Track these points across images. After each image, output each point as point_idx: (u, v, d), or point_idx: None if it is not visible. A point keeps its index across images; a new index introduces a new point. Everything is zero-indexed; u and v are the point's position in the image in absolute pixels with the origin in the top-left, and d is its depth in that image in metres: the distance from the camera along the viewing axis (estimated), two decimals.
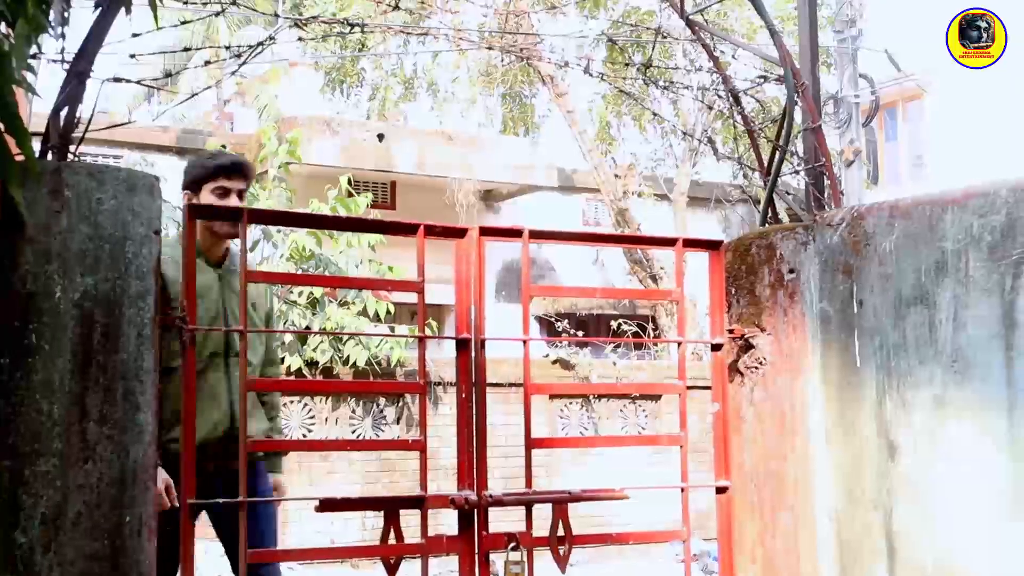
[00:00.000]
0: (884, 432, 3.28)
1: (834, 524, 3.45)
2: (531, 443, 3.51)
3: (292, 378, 10.31)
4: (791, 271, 3.60)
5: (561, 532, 3.48)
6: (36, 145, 2.79)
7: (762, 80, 4.53)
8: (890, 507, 3.26)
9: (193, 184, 4.20)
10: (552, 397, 11.68)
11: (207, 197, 4.15)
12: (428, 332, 9.59)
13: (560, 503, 3.50)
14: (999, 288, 3.00)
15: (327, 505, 3.28)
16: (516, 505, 3.49)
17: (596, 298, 16.45)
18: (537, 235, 3.63)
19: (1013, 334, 2.97)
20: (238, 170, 4.21)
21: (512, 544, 3.40)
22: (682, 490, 3.65)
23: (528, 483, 3.50)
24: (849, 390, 3.40)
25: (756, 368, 3.66)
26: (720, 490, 3.68)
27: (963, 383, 3.09)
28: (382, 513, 3.32)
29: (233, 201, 4.18)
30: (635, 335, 13.97)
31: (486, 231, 3.51)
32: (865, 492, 3.34)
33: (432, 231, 3.41)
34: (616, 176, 16.76)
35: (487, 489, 3.40)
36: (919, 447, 3.20)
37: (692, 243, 3.82)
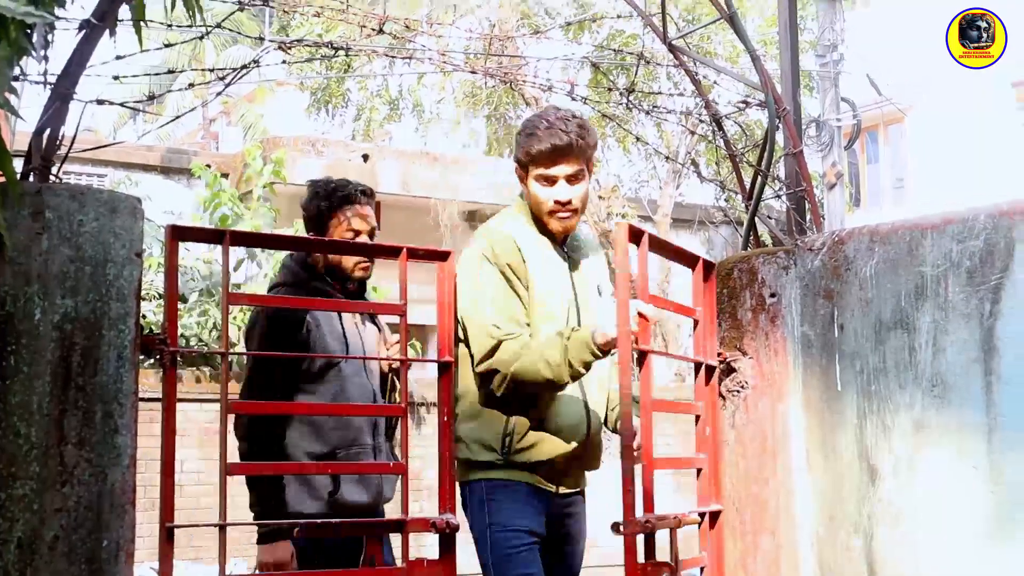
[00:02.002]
0: (865, 456, 3.29)
1: (815, 548, 3.45)
2: None
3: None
4: (772, 295, 3.62)
5: None
6: (18, 165, 2.79)
7: (744, 106, 4.55)
8: (871, 531, 3.27)
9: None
10: None
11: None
12: (412, 353, 9.58)
13: None
14: (978, 313, 3.02)
15: (307, 529, 3.27)
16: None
17: None
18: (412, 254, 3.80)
19: (992, 359, 2.98)
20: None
21: None
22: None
23: None
24: (830, 414, 3.40)
25: (738, 392, 3.67)
26: (713, 515, 3.65)
27: (943, 408, 3.10)
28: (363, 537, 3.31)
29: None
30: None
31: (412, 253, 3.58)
32: (846, 516, 3.34)
33: (414, 254, 3.41)
34: (600, 198, 16.80)
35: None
36: (899, 471, 3.21)
37: (707, 265, 3.82)
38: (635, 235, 3.27)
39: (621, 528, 3.02)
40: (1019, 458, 2.94)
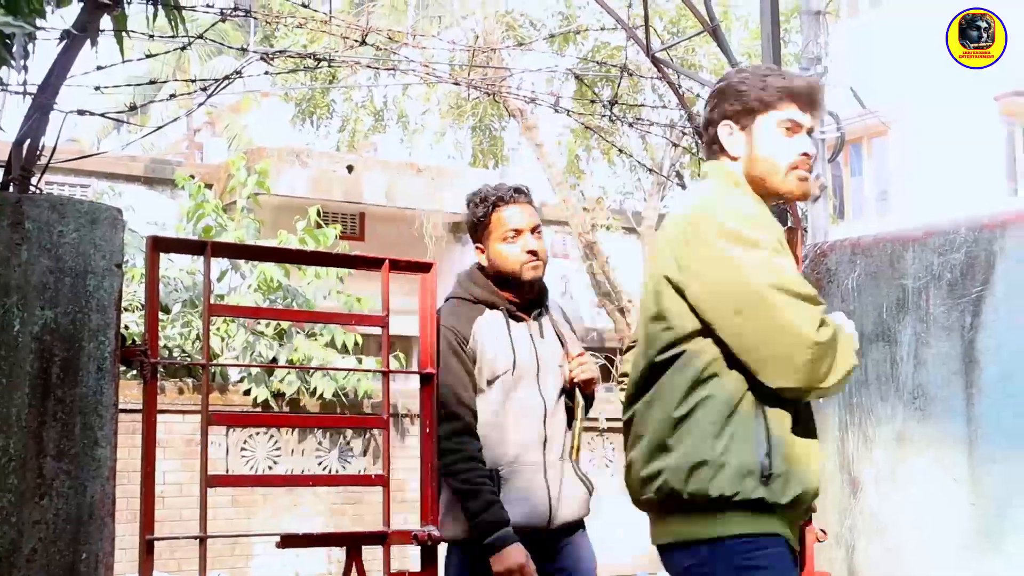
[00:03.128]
0: (847, 468, 3.30)
1: None
2: None
3: (258, 410, 10.25)
4: None
5: None
6: None
7: None
8: (852, 543, 3.27)
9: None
10: None
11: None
12: (395, 364, 9.58)
13: None
14: (959, 326, 3.03)
15: (289, 541, 3.26)
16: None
17: None
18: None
19: (973, 372, 2.99)
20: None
21: None
22: None
23: None
24: None
25: None
26: None
27: (924, 420, 3.11)
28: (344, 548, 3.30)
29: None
30: (602, 368, 13.98)
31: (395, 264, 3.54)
32: (828, 527, 3.34)
33: (396, 266, 3.41)
34: (585, 209, 16.82)
35: None
36: (881, 483, 3.21)
37: None
38: None
39: None
40: (1000, 470, 2.94)
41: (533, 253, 3.45)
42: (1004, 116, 19.71)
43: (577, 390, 3.55)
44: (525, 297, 3.53)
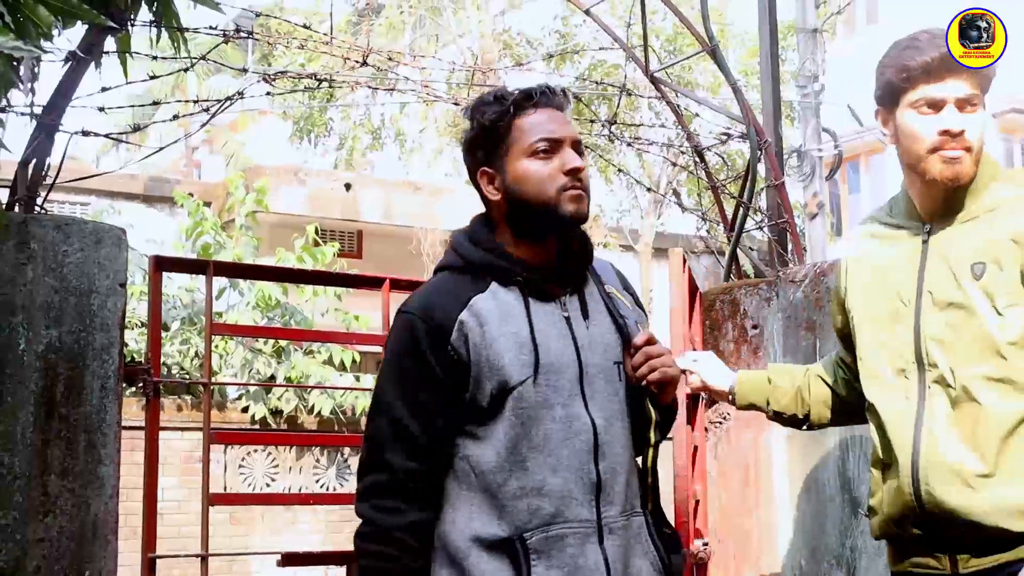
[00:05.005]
0: (847, 488, 3.31)
1: None
2: None
3: (256, 427, 10.25)
4: (755, 327, 3.64)
5: None
6: (3, 194, 2.80)
7: (726, 138, 4.59)
8: (854, 564, 3.28)
9: None
10: None
11: None
12: None
13: None
14: None
15: (290, 559, 3.27)
16: None
17: None
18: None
19: None
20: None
21: None
22: None
23: None
24: (812, 446, 3.42)
25: (720, 423, 3.68)
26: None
27: None
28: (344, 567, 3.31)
29: None
30: None
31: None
32: (828, 549, 3.35)
33: (397, 285, 3.43)
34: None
35: None
36: None
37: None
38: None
39: None
40: None
41: (575, 175, 2.20)
42: (1002, 134, 19.77)
43: (648, 400, 2.26)
44: (555, 258, 2.26)
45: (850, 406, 2.65)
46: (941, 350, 2.27)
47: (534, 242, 2.23)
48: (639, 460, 2.27)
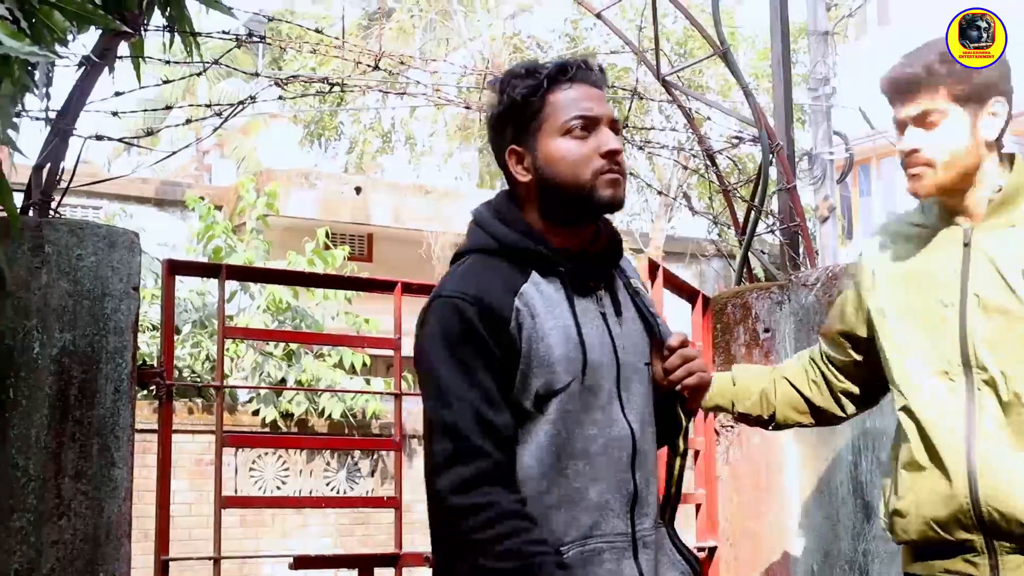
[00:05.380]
0: (859, 493, 3.30)
1: None
2: None
3: (266, 430, 10.27)
4: (766, 330, 3.64)
5: None
6: (18, 198, 2.81)
7: (737, 141, 4.59)
8: (867, 568, 3.27)
9: None
10: None
11: None
12: (404, 386, 9.58)
13: None
14: None
15: (301, 562, 3.27)
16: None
17: None
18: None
19: None
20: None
21: None
22: None
23: None
24: (823, 449, 3.42)
25: (731, 427, 3.68)
26: (709, 551, 3.67)
27: None
28: (356, 570, 3.32)
29: None
30: None
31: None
32: (841, 553, 3.35)
33: (409, 289, 3.44)
34: None
35: None
36: None
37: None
38: (652, 270, 3.31)
39: None
40: None
41: (613, 158, 2.01)
42: (1015, 136, 19.69)
43: (678, 406, 2.13)
44: (589, 247, 2.08)
45: (817, 408, 2.66)
46: (992, 353, 2.24)
47: (564, 227, 2.04)
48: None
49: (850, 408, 2.64)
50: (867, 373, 2.55)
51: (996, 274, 2.28)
